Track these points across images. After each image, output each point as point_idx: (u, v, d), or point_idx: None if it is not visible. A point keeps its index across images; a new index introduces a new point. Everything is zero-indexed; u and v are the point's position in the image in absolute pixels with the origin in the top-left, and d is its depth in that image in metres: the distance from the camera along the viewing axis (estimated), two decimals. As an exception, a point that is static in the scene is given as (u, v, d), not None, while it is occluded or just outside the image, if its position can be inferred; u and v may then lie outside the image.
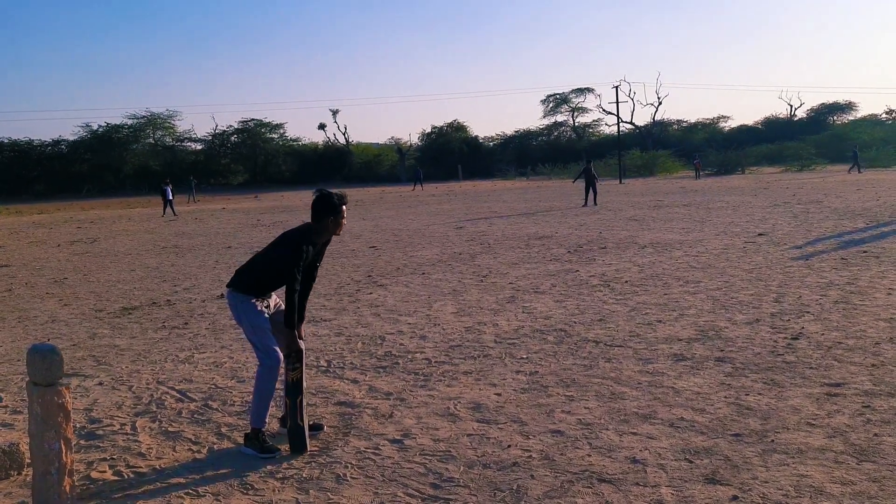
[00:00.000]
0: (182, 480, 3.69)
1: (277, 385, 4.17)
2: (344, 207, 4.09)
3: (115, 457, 4.04)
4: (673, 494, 3.27)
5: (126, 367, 5.95)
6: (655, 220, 17.57)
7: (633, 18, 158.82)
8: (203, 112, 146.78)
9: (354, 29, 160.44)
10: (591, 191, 24.53)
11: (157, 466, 3.88)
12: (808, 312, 6.79)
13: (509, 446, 3.95)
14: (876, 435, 3.84)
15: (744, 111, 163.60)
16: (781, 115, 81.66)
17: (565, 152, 72.30)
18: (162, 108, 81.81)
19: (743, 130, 78.13)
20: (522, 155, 74.42)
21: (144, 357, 6.27)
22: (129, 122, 68.03)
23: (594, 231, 15.49)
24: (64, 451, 3.32)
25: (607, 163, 61.10)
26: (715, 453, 3.71)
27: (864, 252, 10.41)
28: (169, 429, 4.47)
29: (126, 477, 3.76)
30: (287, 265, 3.96)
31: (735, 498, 3.21)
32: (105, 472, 3.84)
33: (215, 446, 4.15)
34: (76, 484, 3.48)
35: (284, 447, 4.03)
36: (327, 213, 4.05)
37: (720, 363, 5.31)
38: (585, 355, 5.70)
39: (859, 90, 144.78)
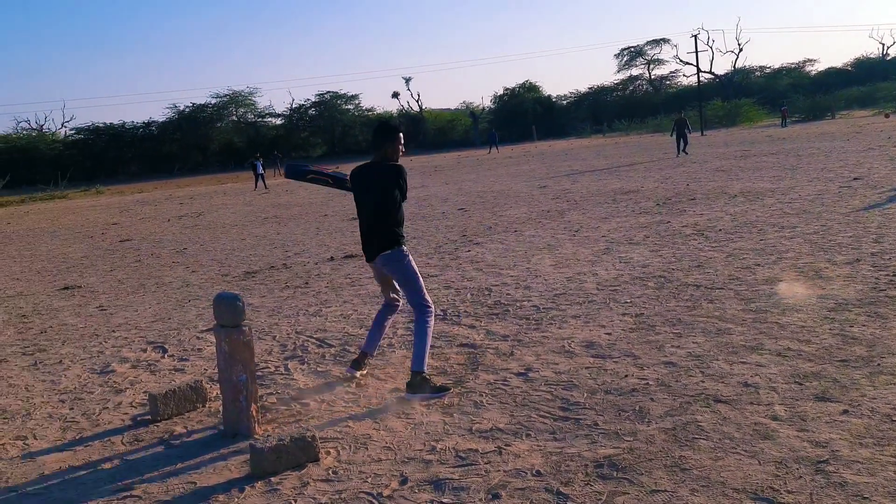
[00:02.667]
0: (342, 410, 4.27)
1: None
2: (401, 134, 4.56)
3: (279, 392, 4.68)
4: (786, 410, 3.61)
5: (265, 321, 6.64)
6: (743, 169, 17.32)
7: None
8: (280, 88, 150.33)
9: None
10: (682, 141, 24.63)
11: (318, 399, 4.48)
12: (910, 251, 6.85)
13: (626, 376, 4.35)
14: (982, 357, 4.04)
15: (832, 53, 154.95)
16: (873, 55, 77.25)
17: (642, 106, 70.71)
18: (243, 86, 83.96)
19: (831, 73, 74.44)
20: (597, 112, 73.22)
21: (278, 312, 6.96)
22: (213, 101, 70.57)
23: (681, 183, 15.46)
24: (249, 381, 3.94)
25: (688, 115, 59.37)
26: (823, 377, 4.01)
27: (970, 191, 10.15)
28: (318, 369, 5.08)
29: (293, 407, 4.38)
30: (403, 195, 4.52)
31: (846, 412, 3.52)
32: (275, 402, 4.47)
33: (362, 381, 4.72)
34: (260, 409, 4.10)
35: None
36: (386, 139, 4.53)
37: (822, 300, 5.52)
38: (687, 298, 6.00)
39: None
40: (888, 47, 77.50)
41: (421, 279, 4.57)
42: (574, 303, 6.24)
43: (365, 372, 4.81)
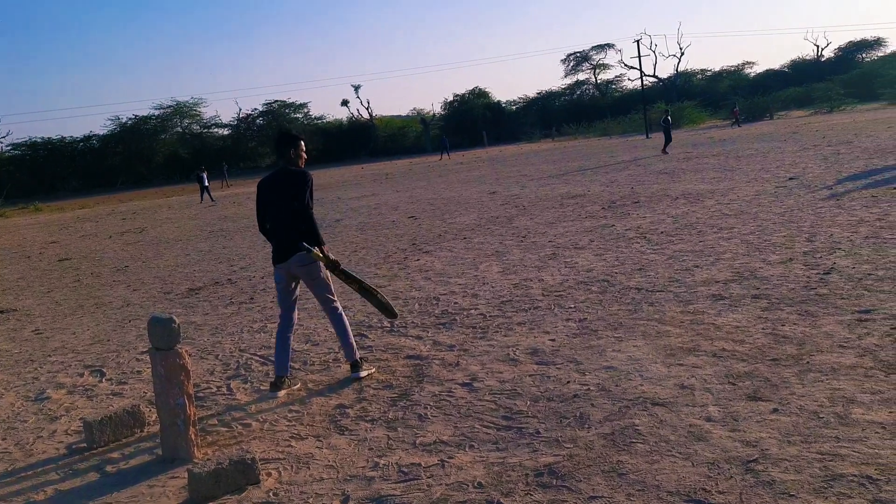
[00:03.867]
0: (284, 428, 4.22)
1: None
2: (301, 142, 4.86)
3: (220, 413, 4.60)
4: (720, 411, 3.71)
5: (208, 339, 6.53)
6: (686, 171, 17.75)
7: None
8: (227, 98, 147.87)
9: (370, 2, 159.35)
10: (667, 140, 26.56)
11: (260, 419, 4.42)
12: (839, 249, 7.11)
13: (568, 382, 4.41)
14: (903, 351, 4.22)
15: (769, 55, 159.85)
16: (808, 57, 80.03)
17: (589, 110, 71.77)
18: (187, 97, 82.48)
19: (769, 75, 76.76)
20: (546, 116, 74.05)
21: (221, 330, 6.85)
22: (157, 112, 69.05)
23: (626, 187, 15.76)
24: (187, 404, 3.86)
25: (632, 118, 60.63)
26: (755, 376, 4.13)
27: (895, 188, 10.59)
28: (261, 388, 5.01)
29: (234, 429, 4.31)
30: (311, 200, 4.77)
31: (775, 410, 3.64)
32: (215, 424, 4.39)
33: (305, 399, 4.68)
34: (198, 433, 4.03)
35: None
36: (286, 147, 4.82)
37: (756, 300, 5.69)
38: (629, 301, 6.12)
39: (888, 25, 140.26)
40: (822, 49, 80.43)
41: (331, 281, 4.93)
42: (520, 309, 6.30)
43: (287, 391, 4.82)
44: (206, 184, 29.28)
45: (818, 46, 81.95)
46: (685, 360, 4.54)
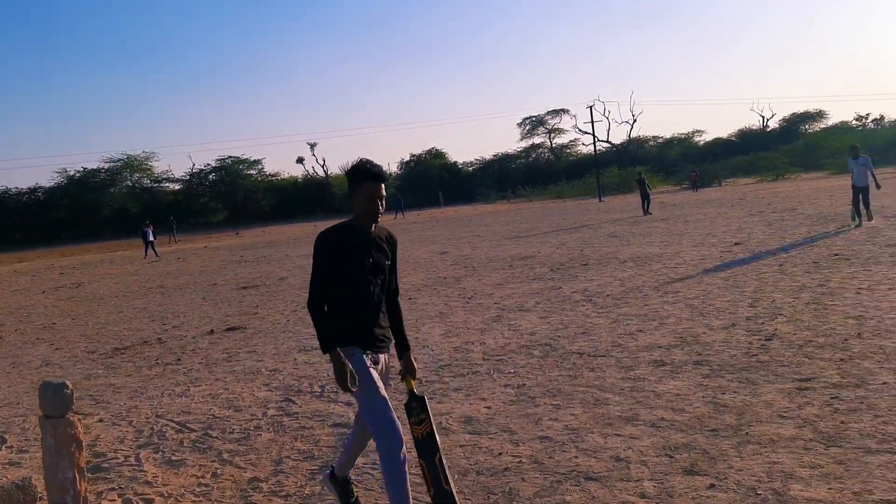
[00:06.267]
0: (189, 504, 3.85)
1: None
2: (374, 182, 3.21)
3: (122, 486, 4.20)
4: (655, 486, 3.49)
5: (124, 404, 6.09)
6: (635, 235, 17.94)
7: (605, 38, 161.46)
8: (180, 152, 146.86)
9: (329, 61, 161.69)
10: (645, 201, 26.58)
11: (165, 493, 4.04)
12: (781, 314, 7.08)
13: (500, 454, 4.15)
14: (842, 422, 4.09)
15: (718, 124, 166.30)
16: (754, 127, 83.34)
17: (544, 173, 73.21)
18: (138, 151, 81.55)
19: (718, 143, 79.54)
20: (502, 178, 75.22)
21: (141, 393, 6.42)
22: (106, 165, 68.05)
23: (576, 249, 15.80)
24: (78, 479, 3.48)
25: (586, 182, 61.92)
26: (693, 448, 3.94)
27: (836, 255, 10.77)
28: (172, 458, 4.62)
29: (135, 504, 3.92)
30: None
31: (712, 486, 3.43)
32: (115, 500, 3.99)
33: (218, 471, 4.31)
34: (89, 512, 3.63)
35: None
36: (354, 186, 3.25)
37: (698, 366, 5.55)
38: (570, 366, 5.92)
39: (829, 98, 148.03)
40: (767, 120, 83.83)
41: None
42: (458, 374, 6.05)
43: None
44: (151, 238, 28.59)
45: (763, 117, 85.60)
46: (623, 429, 4.33)
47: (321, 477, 4.05)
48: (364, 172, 3.23)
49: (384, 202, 3.29)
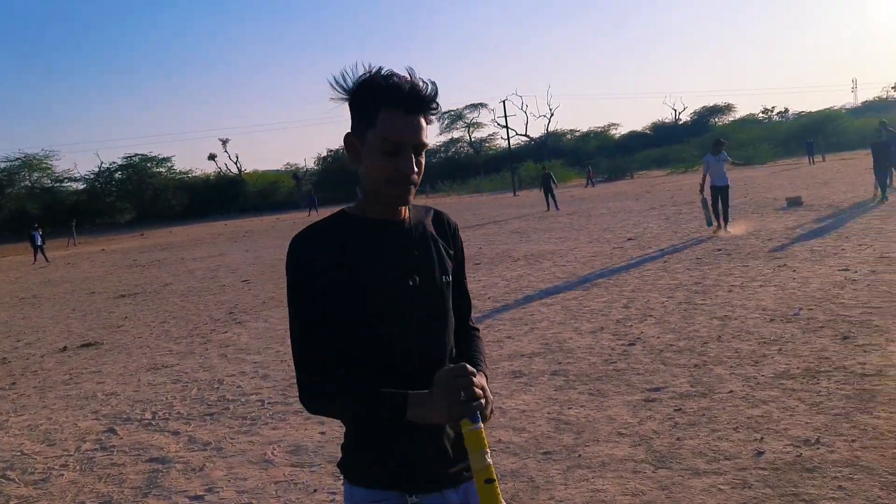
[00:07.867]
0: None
1: None
2: (403, 114, 1.51)
3: None
4: (464, 528, 3.16)
5: (-76, 442, 5.38)
6: (537, 230, 17.87)
7: (523, 33, 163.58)
8: (86, 150, 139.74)
9: (241, 54, 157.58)
10: (550, 196, 26.07)
11: (-85, 559, 3.46)
12: (651, 316, 6.95)
13: (315, 490, 3.75)
14: (678, 439, 3.87)
15: (633, 118, 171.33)
16: (668, 120, 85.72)
17: (464, 168, 73.23)
18: (38, 149, 77.29)
19: (633, 136, 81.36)
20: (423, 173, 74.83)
21: (-49, 427, 5.71)
22: (2, 165, 64.06)
23: (474, 248, 15.55)
24: None
25: (503, 176, 62.29)
26: (520, 476, 3.64)
27: (719, 250, 10.86)
28: (-53, 511, 4.02)
29: None
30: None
31: (524, 524, 3.13)
32: None
33: (-6, 526, 3.75)
34: None
35: None
36: (360, 127, 1.56)
37: (554, 377, 5.30)
38: (425, 381, 5.57)
39: (737, 92, 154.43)
40: (679, 113, 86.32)
41: None
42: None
43: None
44: (40, 242, 26.85)
45: (676, 111, 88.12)
46: (455, 456, 4.00)
47: (105, 530, 3.56)
48: (384, 93, 1.51)
49: (422, 160, 1.60)
